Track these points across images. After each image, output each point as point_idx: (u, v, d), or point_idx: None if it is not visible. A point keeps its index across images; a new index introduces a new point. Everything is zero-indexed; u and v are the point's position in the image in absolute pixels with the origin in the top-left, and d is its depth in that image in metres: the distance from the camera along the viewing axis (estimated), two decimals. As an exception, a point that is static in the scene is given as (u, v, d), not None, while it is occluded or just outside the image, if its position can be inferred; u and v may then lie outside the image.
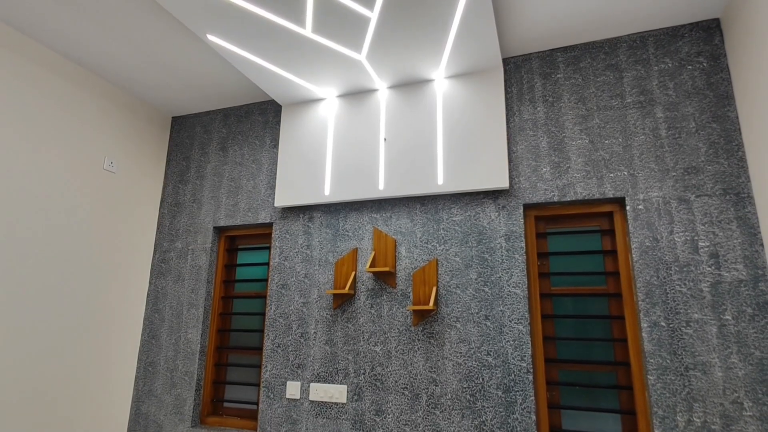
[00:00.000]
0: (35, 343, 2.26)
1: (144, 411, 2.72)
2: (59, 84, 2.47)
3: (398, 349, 2.26)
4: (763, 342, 1.75)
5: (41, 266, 2.32)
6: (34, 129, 2.33)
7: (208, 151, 3.04)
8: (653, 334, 1.89)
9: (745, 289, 1.81)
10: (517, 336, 2.08)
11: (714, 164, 1.96)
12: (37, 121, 2.35)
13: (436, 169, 2.33)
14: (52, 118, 2.42)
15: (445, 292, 2.25)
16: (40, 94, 2.37)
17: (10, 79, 2.23)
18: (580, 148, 2.18)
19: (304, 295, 2.52)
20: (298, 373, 2.42)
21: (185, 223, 2.96)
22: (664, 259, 1.94)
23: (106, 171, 2.72)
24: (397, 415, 2.19)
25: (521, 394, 2.02)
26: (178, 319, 2.80)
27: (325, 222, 2.58)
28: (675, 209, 1.97)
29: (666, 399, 1.82)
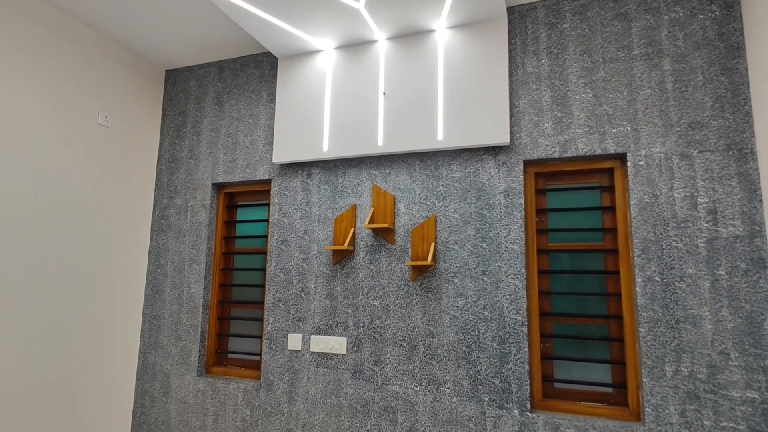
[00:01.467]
0: (43, 298, 2.31)
1: (151, 361, 2.82)
2: (48, 36, 2.38)
3: (396, 303, 2.31)
4: (753, 296, 1.79)
5: (40, 224, 2.33)
6: (25, 83, 2.27)
7: (204, 105, 2.98)
8: (647, 288, 1.93)
9: (741, 245, 1.83)
10: (513, 290, 2.12)
11: (719, 119, 1.92)
12: (28, 75, 2.28)
13: (435, 124, 2.29)
14: (42, 72, 2.35)
15: (444, 248, 2.27)
16: (30, 47, 2.29)
17: (-6, 28, 2.15)
18: (584, 103, 2.13)
19: (304, 251, 2.55)
20: (299, 326, 2.49)
21: (183, 180, 2.95)
22: (662, 215, 1.94)
23: (101, 126, 2.68)
24: (395, 365, 2.27)
25: (515, 346, 2.08)
26: (180, 275, 2.84)
27: (324, 178, 2.57)
28: (676, 165, 1.95)
29: (655, 350, 1.88)
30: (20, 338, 2.21)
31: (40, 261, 2.31)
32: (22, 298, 2.23)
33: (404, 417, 2.21)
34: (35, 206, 2.30)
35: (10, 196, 2.19)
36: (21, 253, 2.23)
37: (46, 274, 2.34)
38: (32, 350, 2.26)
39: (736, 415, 1.75)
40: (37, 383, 2.28)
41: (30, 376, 2.25)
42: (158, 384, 2.77)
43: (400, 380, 2.24)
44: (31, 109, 2.30)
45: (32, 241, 2.28)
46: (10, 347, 2.17)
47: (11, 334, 2.18)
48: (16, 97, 2.23)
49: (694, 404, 1.80)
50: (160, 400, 2.75)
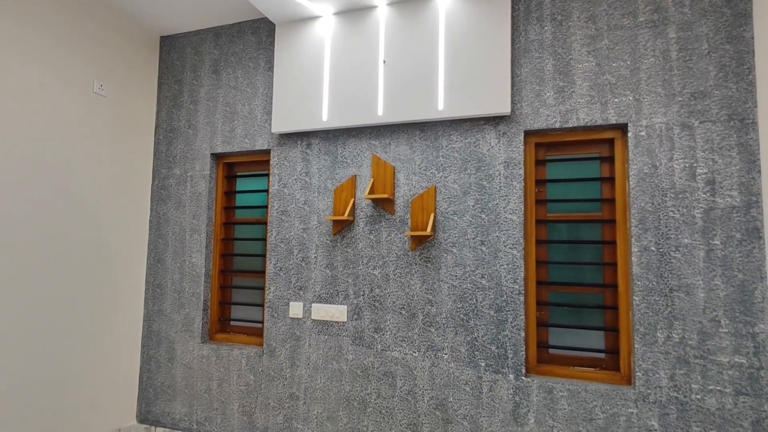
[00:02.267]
0: (46, 269, 2.34)
1: (155, 329, 2.88)
2: (39, 1, 2.32)
3: (396, 273, 2.35)
4: (747, 265, 1.82)
5: (38, 196, 2.33)
6: (17, 52, 2.22)
7: (201, 74, 2.93)
8: (642, 258, 1.96)
9: (737, 215, 1.85)
10: (511, 260, 2.15)
11: (722, 88, 1.91)
12: (18, 42, 2.23)
13: (436, 93, 2.27)
14: (34, 39, 2.30)
15: (443, 219, 2.29)
16: (20, 13, 2.23)
17: (-17, -8, 2.09)
18: (586, 72, 2.10)
19: (304, 222, 2.57)
20: (300, 295, 2.54)
21: (182, 150, 2.93)
22: (661, 185, 1.95)
23: (97, 95, 2.64)
24: (394, 332, 2.32)
25: (512, 314, 2.13)
26: (181, 244, 2.87)
27: (324, 149, 2.56)
28: (677, 136, 1.95)
29: (648, 318, 1.93)
30: (26, 310, 2.26)
31: (40, 233, 2.33)
32: (24, 271, 2.26)
33: (403, 381, 2.28)
34: (31, 178, 2.30)
35: (3, 169, 2.18)
36: (20, 226, 2.24)
37: (46, 245, 2.36)
38: (38, 320, 2.31)
39: (723, 379, 1.82)
40: (45, 351, 2.34)
41: (37, 345, 2.30)
42: (163, 350, 2.84)
43: (399, 347, 2.31)
44: (24, 78, 2.26)
45: (31, 214, 2.29)
46: (18, 318, 2.22)
47: (18, 306, 2.22)
48: (7, 66, 2.19)
49: (683, 369, 1.87)
50: (166, 365, 2.82)
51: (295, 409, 2.48)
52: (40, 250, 2.32)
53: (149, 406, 2.84)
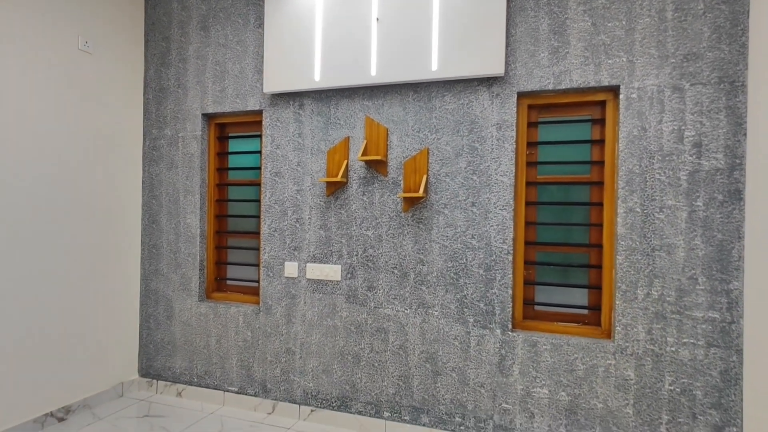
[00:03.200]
0: (41, 232, 2.36)
1: (153, 288, 2.94)
2: (13, -52, 2.21)
3: (389, 233, 2.40)
4: (726, 226, 1.89)
5: (26, 158, 2.31)
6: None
7: (188, 30, 2.85)
8: (627, 219, 2.02)
9: (720, 177, 1.90)
10: (501, 221, 2.21)
11: (715, 50, 1.91)
12: None
13: (430, 53, 2.24)
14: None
15: (435, 180, 2.32)
16: (-5, -40, 2.13)
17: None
18: (581, 32, 2.08)
19: (298, 183, 2.58)
20: (295, 255, 2.59)
21: (172, 110, 2.89)
22: (649, 148, 1.99)
23: (82, 51, 2.57)
24: (387, 290, 2.40)
25: (500, 273, 2.21)
26: (175, 205, 2.88)
27: (316, 109, 2.54)
28: (668, 98, 1.96)
29: (630, 276, 2.02)
30: (29, 273, 2.29)
31: (30, 197, 2.33)
32: (22, 237, 2.27)
33: (395, 336, 2.39)
34: (19, 140, 2.27)
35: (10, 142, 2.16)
36: (7, 192, 2.24)
37: (39, 209, 2.36)
38: (41, 282, 2.35)
39: (697, 333, 1.93)
40: (49, 311, 2.39)
41: (42, 305, 2.35)
42: (161, 308, 2.92)
43: (391, 304, 2.39)
44: (5, 32, 2.19)
45: (18, 178, 2.28)
46: (23, 281, 2.25)
47: (21, 270, 2.25)
48: (-10, 19, 2.12)
49: (660, 324, 1.97)
50: (165, 323, 2.91)
51: (292, 363, 2.59)
52: (34, 215, 2.33)
53: (150, 361, 2.95)
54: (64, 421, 2.48)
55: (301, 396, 2.57)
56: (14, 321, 2.25)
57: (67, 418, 2.51)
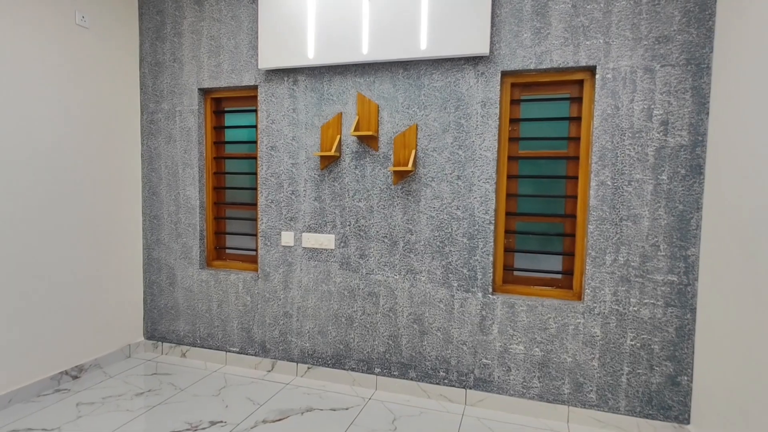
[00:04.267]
0: (45, 206, 2.48)
1: (155, 256, 3.09)
2: None
3: (379, 205, 2.56)
4: (687, 198, 2.07)
5: (27, 135, 2.40)
6: (-5, -22, 2.19)
7: (182, 4, 2.89)
8: (599, 191, 2.19)
9: (684, 153, 2.07)
10: (484, 193, 2.37)
11: (684, 33, 2.04)
12: (-4, -32, 2.19)
13: (419, 32, 2.34)
14: (10, -35, 2.25)
15: (423, 155, 2.46)
16: (-8, -65, 2.17)
17: None
18: (562, 13, 2.20)
19: (293, 157, 2.71)
20: (291, 225, 2.75)
21: (169, 84, 2.97)
22: (621, 125, 2.14)
23: (80, 26, 2.62)
24: (377, 258, 2.58)
25: (483, 241, 2.39)
26: (174, 178, 3.00)
27: (310, 86, 2.64)
28: (639, 78, 2.11)
29: (600, 243, 2.21)
30: (39, 243, 2.42)
31: (37, 171, 2.43)
32: (30, 209, 2.39)
33: (385, 300, 2.58)
34: (19, 114, 2.36)
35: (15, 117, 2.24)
36: (14, 167, 2.34)
37: (45, 183, 2.47)
38: (51, 252, 2.49)
39: (657, 294, 2.14)
40: (58, 278, 2.54)
41: (52, 272, 2.50)
42: (164, 276, 3.08)
43: (382, 270, 2.58)
44: (3, 10, 2.25)
45: (21, 151, 2.38)
46: (33, 250, 2.39)
47: (34, 243, 2.38)
48: (-10, -5, 2.17)
49: (625, 286, 2.18)
50: (168, 289, 3.07)
51: (289, 325, 2.79)
52: (39, 189, 2.44)
53: (155, 325, 3.13)
54: (77, 379, 2.67)
55: (299, 355, 2.78)
56: (31, 289, 2.40)
57: (81, 376, 2.70)
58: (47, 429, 2.14)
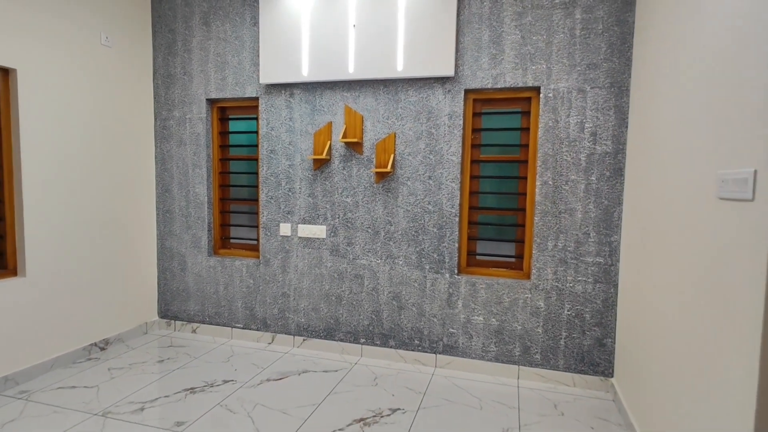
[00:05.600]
0: (79, 200, 2.90)
1: (168, 246, 3.53)
2: (48, -39, 2.64)
3: (364, 200, 3.02)
4: (610, 195, 2.57)
5: (70, 141, 2.82)
6: (36, 18, 2.60)
7: (192, 25, 3.31)
8: (543, 189, 2.68)
9: (608, 159, 2.56)
10: (451, 191, 2.84)
11: (609, 62, 2.53)
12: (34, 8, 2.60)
13: (396, 56, 2.80)
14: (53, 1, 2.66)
15: (400, 158, 2.93)
16: (35, -26, 2.57)
17: (7, -40, 2.43)
18: (513, 43, 2.67)
19: (290, 159, 3.16)
20: (288, 218, 3.20)
21: (179, 94, 3.39)
22: (560, 136, 2.63)
23: (104, 46, 3.03)
24: (362, 245, 3.04)
25: (449, 231, 2.86)
26: (185, 177, 3.43)
27: (304, 98, 3.09)
28: (574, 97, 2.59)
29: (543, 232, 2.69)
30: (73, 235, 2.85)
31: (65, 170, 2.86)
32: (64, 203, 2.82)
33: (369, 281, 3.05)
34: (56, 124, 2.78)
35: (41, 119, 2.66)
36: (60, 167, 2.77)
37: (72, 181, 2.90)
38: (82, 242, 2.91)
39: (588, 273, 2.63)
40: (83, 266, 2.97)
41: (77, 261, 2.93)
42: (176, 263, 3.51)
43: (366, 256, 3.04)
44: (45, 37, 2.66)
45: (59, 154, 2.80)
46: (71, 243, 2.82)
47: (69, 231, 2.80)
48: (37, 26, 2.58)
49: (563, 267, 2.67)
50: (179, 274, 3.51)
51: (287, 304, 3.25)
52: (73, 185, 2.87)
53: (168, 305, 3.57)
54: (104, 350, 3.11)
55: (295, 329, 3.24)
56: (66, 272, 2.83)
57: (107, 348, 3.14)
58: (88, 386, 2.59)
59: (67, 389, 2.55)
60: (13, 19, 2.48)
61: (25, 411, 2.31)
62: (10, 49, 2.48)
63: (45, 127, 2.68)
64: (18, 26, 2.51)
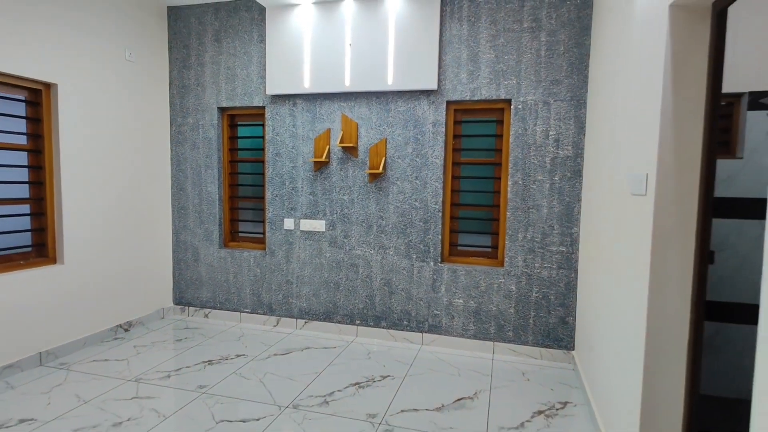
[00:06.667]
0: (109, 197, 3.29)
1: (182, 239, 3.92)
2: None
3: (359, 198, 3.42)
4: (571, 193, 2.98)
5: (100, 148, 3.21)
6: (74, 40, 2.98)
7: (205, 41, 3.70)
8: (514, 188, 3.09)
9: (569, 162, 2.97)
10: (435, 189, 3.25)
11: (569, 79, 2.94)
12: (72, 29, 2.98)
13: (387, 72, 3.20)
14: (85, 20, 3.04)
15: (391, 161, 3.33)
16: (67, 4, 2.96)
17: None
18: (488, 61, 3.07)
19: (293, 161, 3.55)
20: (292, 213, 3.59)
21: (193, 103, 3.78)
22: (528, 141, 3.04)
23: (128, 61, 3.42)
24: (357, 237, 3.45)
25: (434, 224, 3.27)
26: (198, 177, 3.82)
27: (306, 108, 3.48)
28: (540, 109, 3.00)
29: (514, 225, 3.10)
30: (99, 227, 3.23)
31: (103, 174, 3.25)
32: (95, 201, 3.20)
33: (363, 269, 3.45)
34: (89, 130, 3.17)
35: (79, 127, 3.04)
36: (92, 169, 3.15)
37: (105, 181, 3.29)
38: (108, 236, 3.30)
39: (553, 260, 3.05)
40: (114, 256, 3.36)
41: (101, 253, 3.32)
42: (190, 254, 3.90)
43: (361, 247, 3.44)
44: (80, 55, 3.04)
45: (91, 156, 3.19)
46: (99, 235, 3.20)
47: (98, 226, 3.19)
48: (74, 46, 2.97)
49: (531, 255, 3.08)
50: (193, 265, 3.90)
51: (290, 290, 3.64)
52: (103, 185, 3.26)
53: (182, 293, 3.96)
54: (128, 331, 3.50)
55: (298, 312, 3.64)
56: (97, 261, 3.22)
57: (130, 330, 3.53)
58: (119, 359, 2.98)
59: (101, 362, 2.94)
60: (54, 40, 2.87)
61: (68, 378, 2.70)
62: (52, 67, 2.87)
63: (80, 135, 3.06)
64: (57, 46, 2.89)
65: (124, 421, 2.24)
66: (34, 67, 2.77)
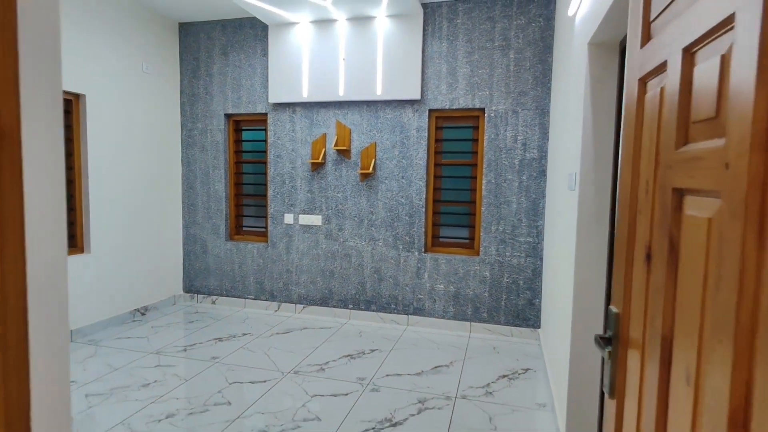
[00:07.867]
0: (131, 196, 3.69)
1: (192, 233, 4.32)
2: (98, 7, 3.43)
3: (352, 195, 3.83)
4: (536, 190, 3.40)
5: (126, 154, 3.62)
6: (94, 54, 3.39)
7: (213, 54, 4.11)
8: (487, 186, 3.51)
9: (535, 163, 3.40)
10: (419, 188, 3.67)
11: (534, 90, 3.36)
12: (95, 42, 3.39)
13: (376, 83, 3.62)
14: (105, 37, 3.45)
15: (380, 162, 3.74)
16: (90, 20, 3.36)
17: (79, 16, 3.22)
18: (465, 75, 3.50)
19: (292, 163, 3.96)
20: (291, 209, 4.00)
21: (202, 110, 4.19)
22: (499, 145, 3.46)
23: (145, 73, 3.83)
24: (350, 230, 3.86)
25: (418, 218, 3.69)
26: (206, 177, 4.22)
27: (304, 114, 3.90)
28: (510, 117, 3.42)
29: (488, 219, 3.53)
30: (120, 221, 3.64)
31: (124, 174, 3.65)
32: (116, 198, 3.61)
33: (356, 259, 3.87)
34: (111, 136, 3.57)
35: (104, 134, 3.45)
36: (114, 170, 3.56)
37: (125, 180, 3.69)
38: (127, 229, 3.70)
39: (521, 249, 3.47)
40: (132, 247, 3.76)
41: (121, 245, 3.72)
42: (198, 246, 4.30)
43: (353, 239, 3.86)
44: (103, 69, 3.45)
45: (118, 161, 3.60)
46: (120, 228, 3.61)
47: (119, 220, 3.59)
48: (96, 60, 3.37)
49: (502, 245, 3.51)
50: (201, 256, 4.30)
51: (290, 279, 4.05)
52: (126, 184, 3.66)
53: (191, 282, 4.36)
54: (144, 315, 3.90)
55: (297, 298, 4.05)
56: (118, 252, 3.62)
57: (146, 314, 3.93)
58: (140, 337, 3.38)
59: (124, 338, 3.35)
60: (82, 53, 3.27)
61: (98, 351, 3.10)
62: (81, 79, 3.27)
63: (104, 140, 3.46)
64: (85, 59, 3.30)
65: (151, 383, 2.64)
66: (68, 79, 3.17)
